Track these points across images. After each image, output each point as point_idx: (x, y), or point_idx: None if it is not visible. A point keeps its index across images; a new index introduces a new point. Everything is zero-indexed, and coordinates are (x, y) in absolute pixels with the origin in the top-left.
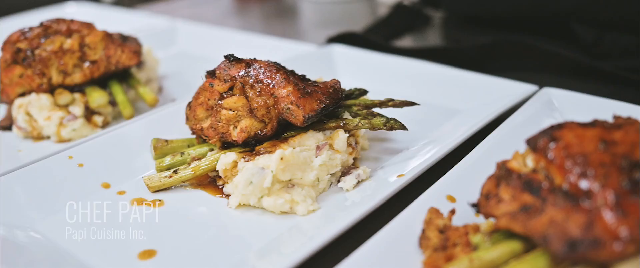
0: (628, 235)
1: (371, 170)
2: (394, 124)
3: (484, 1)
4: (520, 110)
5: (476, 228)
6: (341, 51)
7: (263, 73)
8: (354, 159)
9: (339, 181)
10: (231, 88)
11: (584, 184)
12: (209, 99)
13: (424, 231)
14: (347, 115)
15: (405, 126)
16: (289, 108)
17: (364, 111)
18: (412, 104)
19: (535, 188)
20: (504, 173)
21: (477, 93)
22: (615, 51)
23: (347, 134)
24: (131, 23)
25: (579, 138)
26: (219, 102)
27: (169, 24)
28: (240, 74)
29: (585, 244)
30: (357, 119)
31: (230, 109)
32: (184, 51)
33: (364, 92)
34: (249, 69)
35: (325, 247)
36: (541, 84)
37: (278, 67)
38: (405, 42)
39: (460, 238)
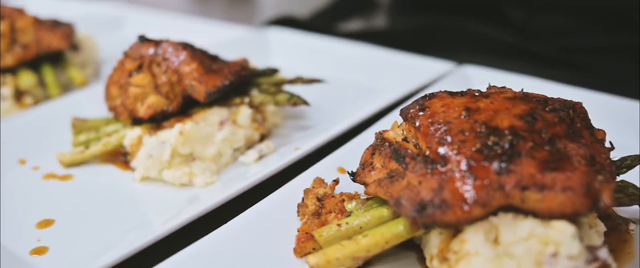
0: (474, 198)
1: (277, 145)
2: (296, 100)
3: None
4: (432, 87)
5: (351, 196)
6: (277, 33)
7: (170, 52)
8: (263, 135)
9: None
10: (141, 67)
11: (442, 150)
12: (121, 78)
13: (303, 199)
14: (255, 92)
15: (307, 102)
16: (192, 85)
17: (273, 88)
18: (319, 81)
19: (401, 156)
20: (379, 143)
21: (399, 72)
22: (546, 32)
23: (251, 110)
24: (84, 9)
25: (445, 106)
26: (128, 80)
27: (118, 10)
28: (149, 53)
29: (433, 206)
30: (262, 95)
31: (138, 87)
32: (131, 36)
33: (275, 71)
34: (157, 48)
35: (218, 216)
36: (470, 63)
37: (185, 46)
38: (352, 25)
39: (336, 206)
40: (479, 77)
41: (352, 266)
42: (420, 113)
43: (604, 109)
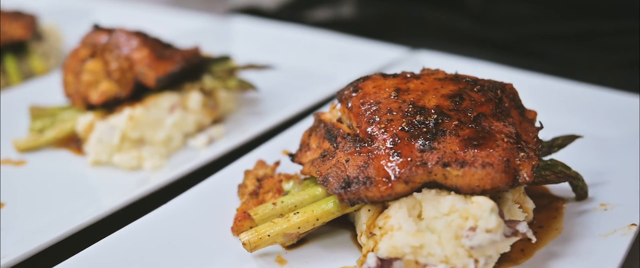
0: (397, 174)
1: (229, 130)
2: (245, 86)
3: None
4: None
5: (289, 177)
6: (241, 22)
7: (122, 40)
8: (216, 119)
9: None
10: (94, 55)
11: (370, 129)
12: (75, 65)
13: (243, 180)
14: (207, 78)
15: (255, 87)
16: (142, 71)
17: (225, 74)
18: (270, 67)
19: (333, 136)
20: (316, 124)
21: (357, 58)
22: (503, 19)
23: (201, 95)
24: (54, 1)
25: (377, 87)
26: (82, 67)
27: (89, 2)
28: (102, 41)
29: (358, 183)
30: (213, 81)
31: (90, 73)
32: None
33: (227, 58)
34: (111, 37)
35: (165, 198)
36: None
37: (138, 34)
38: (320, 14)
39: (274, 186)
40: (431, 62)
41: (286, 243)
42: (353, 94)
43: (552, 93)
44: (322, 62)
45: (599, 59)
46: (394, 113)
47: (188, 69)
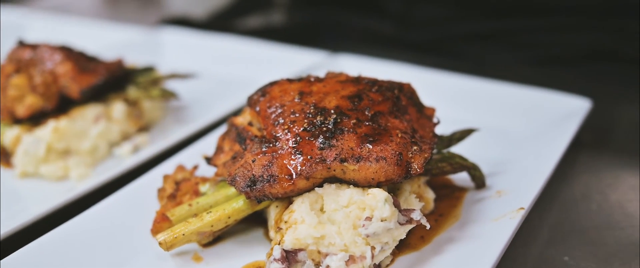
0: (298, 171)
1: (155, 138)
2: (167, 95)
3: None
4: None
5: (206, 180)
6: (171, 33)
7: (46, 55)
8: (141, 128)
9: None
10: (20, 70)
11: (275, 130)
12: (1, 81)
13: (163, 184)
14: (132, 89)
15: (176, 96)
16: (66, 84)
17: (149, 84)
18: (192, 76)
19: (243, 138)
20: (229, 128)
21: (280, 63)
22: (422, 21)
23: (125, 106)
24: None
25: (283, 91)
26: (7, 82)
27: (22, 18)
28: (26, 56)
29: (262, 181)
30: (137, 92)
31: (16, 88)
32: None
33: (151, 68)
34: (35, 52)
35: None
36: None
37: (61, 49)
38: (251, 22)
39: (191, 188)
40: (351, 65)
41: (202, 241)
42: (261, 98)
43: (465, 90)
44: (246, 69)
45: (512, 56)
46: (297, 115)
47: (112, 81)
